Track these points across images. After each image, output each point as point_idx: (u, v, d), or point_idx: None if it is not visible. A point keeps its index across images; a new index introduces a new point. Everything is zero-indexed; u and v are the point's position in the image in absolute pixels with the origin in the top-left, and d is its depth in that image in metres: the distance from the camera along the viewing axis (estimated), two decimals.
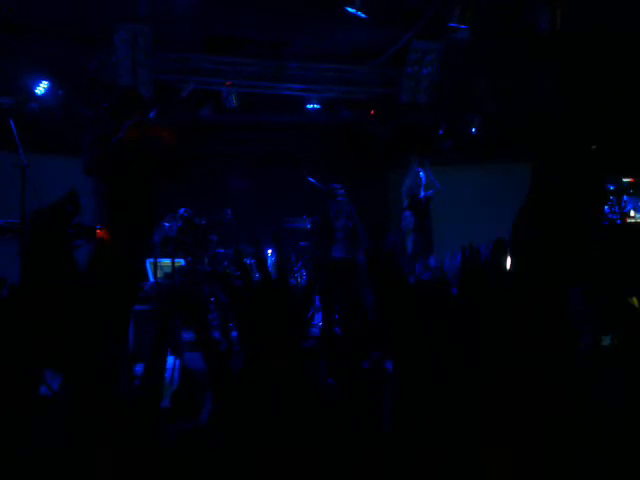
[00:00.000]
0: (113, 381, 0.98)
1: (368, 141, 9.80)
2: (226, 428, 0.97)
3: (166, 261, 6.13)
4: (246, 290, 1.06)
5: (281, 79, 8.29)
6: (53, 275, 1.33)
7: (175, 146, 4.35)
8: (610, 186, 7.94)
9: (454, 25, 6.95)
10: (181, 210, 5.95)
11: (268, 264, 1.13)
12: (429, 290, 1.13)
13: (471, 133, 9.37)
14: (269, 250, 6.73)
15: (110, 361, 1.01)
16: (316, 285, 1.32)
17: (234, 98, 8.42)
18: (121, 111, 4.01)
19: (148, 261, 5.97)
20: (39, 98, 7.48)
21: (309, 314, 1.12)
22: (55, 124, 7.70)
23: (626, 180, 7.99)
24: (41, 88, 7.41)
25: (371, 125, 9.55)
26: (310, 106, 8.83)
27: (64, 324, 1.06)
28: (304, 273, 7.91)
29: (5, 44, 6.89)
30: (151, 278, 6.05)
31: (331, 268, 6.21)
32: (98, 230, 3.83)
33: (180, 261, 6.17)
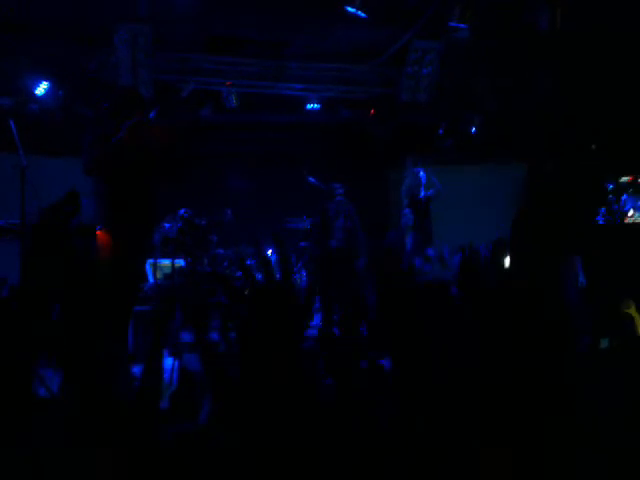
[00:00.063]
0: (113, 381, 0.98)
1: (368, 140, 9.79)
2: (225, 428, 0.97)
3: (166, 262, 6.12)
4: (248, 291, 1.06)
5: (281, 79, 8.29)
6: (53, 275, 1.33)
7: (175, 146, 4.35)
8: (609, 185, 7.91)
9: (454, 24, 6.95)
10: (181, 210, 5.93)
11: (272, 264, 1.13)
12: (429, 290, 1.13)
13: (471, 132, 9.37)
14: (269, 250, 6.73)
15: (110, 361, 1.01)
16: (316, 286, 1.32)
17: (234, 98, 8.42)
18: (121, 111, 4.01)
19: (148, 262, 5.96)
20: (39, 99, 7.48)
21: (309, 314, 1.12)
22: (55, 125, 7.70)
23: (625, 179, 7.96)
24: (41, 89, 7.41)
25: (371, 124, 9.55)
26: (310, 106, 8.83)
27: (64, 324, 1.06)
28: (304, 273, 7.90)
29: (5, 44, 6.89)
30: (151, 279, 6.04)
31: (327, 259, 6.20)
32: (98, 230, 3.83)
33: (180, 262, 6.15)
